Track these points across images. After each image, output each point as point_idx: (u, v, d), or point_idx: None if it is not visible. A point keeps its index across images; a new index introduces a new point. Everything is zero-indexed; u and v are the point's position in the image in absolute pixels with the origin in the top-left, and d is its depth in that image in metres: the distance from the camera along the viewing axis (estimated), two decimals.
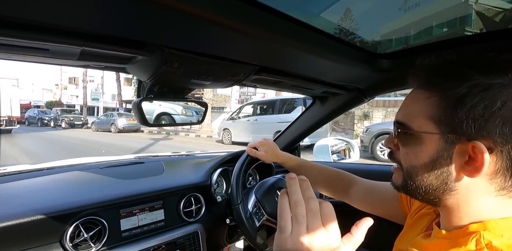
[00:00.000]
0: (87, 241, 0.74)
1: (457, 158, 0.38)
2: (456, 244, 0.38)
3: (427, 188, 0.41)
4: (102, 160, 1.18)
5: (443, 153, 0.39)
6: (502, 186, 0.37)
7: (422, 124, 0.40)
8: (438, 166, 0.39)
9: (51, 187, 0.84)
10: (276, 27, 0.54)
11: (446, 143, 0.38)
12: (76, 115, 18.94)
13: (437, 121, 0.39)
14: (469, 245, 0.36)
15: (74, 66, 0.64)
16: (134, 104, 0.72)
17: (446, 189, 0.40)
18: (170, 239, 0.89)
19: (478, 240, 0.36)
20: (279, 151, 0.94)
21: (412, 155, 0.42)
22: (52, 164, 1.05)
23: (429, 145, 0.40)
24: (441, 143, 0.39)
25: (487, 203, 0.38)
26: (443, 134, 0.38)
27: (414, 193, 0.44)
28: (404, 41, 0.76)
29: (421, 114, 0.40)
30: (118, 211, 0.82)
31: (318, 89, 1.03)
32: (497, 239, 0.35)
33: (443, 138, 0.38)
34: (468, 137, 0.36)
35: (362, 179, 0.82)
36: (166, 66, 0.58)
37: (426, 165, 0.40)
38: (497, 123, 0.34)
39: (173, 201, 0.95)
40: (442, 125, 0.38)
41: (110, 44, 0.50)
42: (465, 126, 0.36)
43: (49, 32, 0.43)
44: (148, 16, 0.41)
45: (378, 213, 0.74)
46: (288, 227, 0.40)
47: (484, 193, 0.38)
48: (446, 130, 0.38)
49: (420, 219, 0.55)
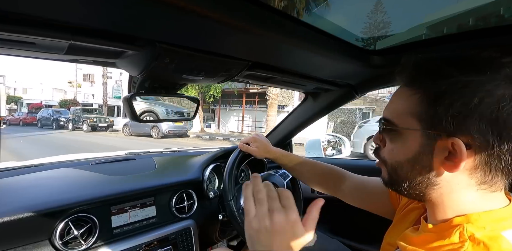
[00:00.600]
0: (78, 239, 0.73)
1: (438, 153, 0.39)
2: (441, 237, 0.39)
3: (411, 183, 0.43)
4: (92, 156, 1.16)
5: (424, 149, 0.40)
6: (482, 181, 0.38)
7: (406, 121, 0.42)
8: (421, 162, 0.41)
9: (39, 184, 0.83)
10: (269, 22, 0.54)
11: (428, 139, 0.39)
12: (99, 115, 15.73)
13: (419, 118, 0.40)
14: (453, 237, 0.38)
15: (61, 61, 0.62)
16: (124, 99, 0.71)
17: (429, 184, 0.41)
18: (162, 235, 0.89)
19: (462, 233, 0.37)
20: (271, 146, 0.94)
21: (397, 151, 0.44)
22: (41, 161, 1.03)
23: (412, 141, 0.41)
24: (423, 139, 0.40)
25: (469, 197, 0.40)
26: (424, 131, 0.39)
27: (400, 189, 0.45)
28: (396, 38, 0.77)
29: (405, 111, 0.42)
30: (109, 208, 0.81)
31: (310, 85, 1.03)
32: (479, 231, 0.37)
33: (425, 134, 0.40)
34: (448, 134, 0.37)
35: (353, 174, 0.83)
36: (157, 61, 0.57)
37: (409, 160, 0.42)
38: (474, 119, 0.35)
39: (165, 197, 0.95)
40: (424, 122, 0.39)
41: (100, 38, 0.49)
42: (444, 122, 0.37)
43: (36, 25, 0.41)
44: (139, 10, 0.40)
45: (369, 208, 0.75)
46: (251, 210, 0.49)
47: (466, 187, 0.40)
48: (427, 126, 0.39)
49: (408, 213, 0.57)
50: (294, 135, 1.41)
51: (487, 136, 0.35)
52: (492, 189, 0.39)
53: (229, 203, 0.87)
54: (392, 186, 0.47)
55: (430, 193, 0.42)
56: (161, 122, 8.55)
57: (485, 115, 0.35)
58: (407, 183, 0.43)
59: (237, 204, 0.90)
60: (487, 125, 0.35)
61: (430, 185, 0.41)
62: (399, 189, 0.46)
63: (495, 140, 0.35)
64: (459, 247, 0.36)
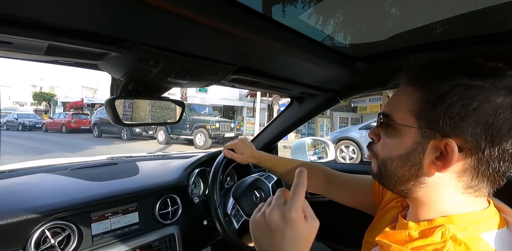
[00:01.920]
0: (54, 248, 0.69)
1: (429, 153, 0.40)
2: (422, 235, 0.40)
3: (399, 179, 0.43)
4: (71, 161, 1.11)
5: (418, 146, 0.41)
6: (469, 185, 0.39)
7: (404, 117, 0.42)
8: (412, 159, 0.41)
9: (15, 190, 0.78)
10: (255, 27, 0.54)
11: (422, 138, 0.40)
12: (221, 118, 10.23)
13: (417, 116, 0.41)
14: (434, 236, 0.39)
15: (40, 61, 0.60)
16: (107, 102, 0.69)
17: (416, 182, 0.42)
18: (145, 242, 0.86)
19: (444, 233, 0.38)
20: (255, 151, 0.94)
21: (390, 146, 0.44)
22: (15, 166, 0.98)
23: (407, 138, 0.42)
24: (417, 137, 0.41)
25: (454, 200, 0.41)
26: (420, 129, 0.40)
27: (387, 183, 0.46)
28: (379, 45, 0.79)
29: (404, 108, 0.42)
30: (89, 215, 0.78)
31: (295, 90, 1.04)
32: (461, 232, 0.38)
33: (420, 132, 0.40)
34: (443, 134, 0.38)
35: (337, 172, 0.86)
36: (142, 64, 0.56)
37: (401, 156, 0.43)
38: (470, 122, 0.36)
39: (148, 203, 0.93)
40: (421, 120, 0.40)
41: (81, 39, 0.47)
42: (441, 122, 0.38)
43: (13, 24, 0.40)
44: (123, 11, 0.40)
45: (353, 204, 0.78)
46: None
47: (452, 190, 0.40)
48: (424, 125, 0.40)
49: (387, 212, 0.58)
50: (280, 139, 1.42)
51: (480, 140, 0.36)
52: (477, 194, 0.40)
53: (216, 211, 0.86)
54: (380, 180, 0.47)
55: (416, 191, 0.43)
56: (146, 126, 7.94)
57: (481, 120, 0.35)
58: (394, 179, 0.44)
59: (224, 211, 0.89)
60: (482, 129, 0.36)
61: (418, 183, 0.42)
62: (386, 183, 0.47)
63: (486, 145, 0.36)
64: (442, 247, 0.37)
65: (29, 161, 1.05)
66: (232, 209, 0.92)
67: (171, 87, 0.78)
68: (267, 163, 0.92)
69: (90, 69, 0.69)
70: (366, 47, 0.83)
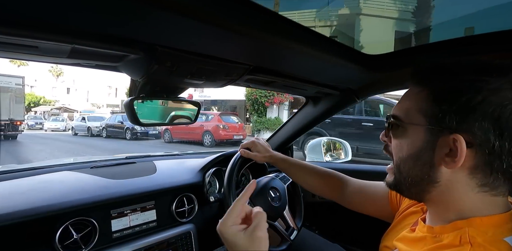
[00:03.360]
0: (77, 242, 0.72)
1: (439, 150, 0.40)
2: (440, 238, 0.39)
3: (413, 180, 0.43)
4: (92, 159, 1.16)
5: (427, 144, 0.41)
6: (483, 182, 0.38)
7: (412, 116, 0.43)
8: (422, 158, 0.41)
9: (40, 187, 0.83)
10: (269, 27, 0.54)
11: (431, 135, 0.40)
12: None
13: (425, 114, 0.41)
14: (453, 240, 0.38)
15: (64, 64, 0.63)
16: (126, 103, 0.71)
17: (429, 181, 0.42)
18: (162, 239, 0.88)
19: (463, 236, 0.37)
20: (271, 151, 0.94)
21: (401, 147, 0.44)
22: (41, 164, 1.03)
23: (417, 136, 0.42)
24: (426, 134, 0.41)
25: (470, 199, 0.40)
26: (428, 126, 0.40)
27: (403, 188, 0.46)
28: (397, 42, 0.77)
29: (412, 107, 0.43)
30: (109, 212, 0.81)
31: (310, 90, 1.03)
32: (481, 236, 0.37)
33: (428, 130, 0.40)
34: (450, 130, 0.38)
35: (353, 179, 0.83)
36: (158, 65, 0.58)
37: (412, 156, 0.43)
38: (476, 117, 0.36)
39: (165, 201, 0.95)
40: (429, 118, 0.40)
41: (102, 42, 0.49)
42: (447, 118, 0.38)
43: (39, 29, 0.42)
44: (140, 14, 0.41)
45: (368, 212, 0.76)
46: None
47: (466, 188, 0.40)
48: (431, 122, 0.40)
49: (407, 216, 0.57)
50: (295, 139, 1.41)
51: (489, 134, 0.35)
52: (494, 192, 0.39)
53: (228, 202, 0.86)
54: (396, 187, 0.47)
55: (430, 191, 0.42)
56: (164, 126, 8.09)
57: (488, 114, 0.35)
58: (409, 181, 0.44)
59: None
60: (489, 123, 0.35)
61: (431, 183, 0.41)
62: (401, 189, 0.46)
63: (496, 139, 0.35)
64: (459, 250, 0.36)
65: (53, 159, 1.09)
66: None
67: (187, 87, 0.79)
68: (283, 163, 0.92)
69: (110, 71, 0.71)
70: (384, 45, 0.81)
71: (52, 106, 29.38)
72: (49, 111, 27.62)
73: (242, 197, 0.49)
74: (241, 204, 0.48)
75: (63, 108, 27.98)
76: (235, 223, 0.47)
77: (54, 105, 29.82)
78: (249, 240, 0.44)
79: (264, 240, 0.45)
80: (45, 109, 28.67)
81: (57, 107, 28.64)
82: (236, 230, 0.46)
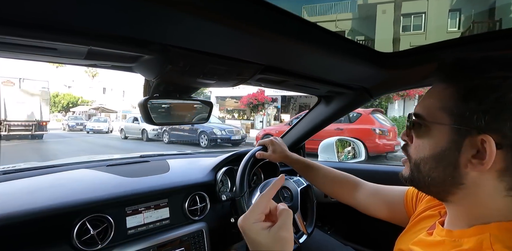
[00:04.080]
0: (94, 238, 0.75)
1: (465, 151, 0.37)
2: (460, 243, 0.38)
3: (433, 181, 0.41)
4: (108, 158, 1.19)
5: (452, 145, 0.38)
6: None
7: (436, 115, 0.40)
8: (446, 158, 0.39)
9: (59, 184, 0.86)
10: (281, 26, 0.54)
11: (456, 135, 0.38)
12: None
13: (450, 113, 0.39)
14: (474, 245, 0.36)
15: (81, 66, 0.65)
16: (140, 103, 0.72)
17: (453, 183, 0.39)
18: (175, 237, 0.90)
19: (485, 241, 0.35)
20: (287, 151, 0.94)
21: (423, 147, 0.42)
22: (60, 162, 1.06)
23: (440, 136, 0.40)
24: (451, 134, 0.38)
25: (496, 203, 0.38)
26: (454, 126, 0.38)
27: (421, 185, 0.44)
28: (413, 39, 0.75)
29: (436, 106, 0.41)
30: (124, 209, 0.83)
31: (323, 89, 1.02)
32: (504, 242, 0.35)
33: (454, 129, 0.38)
34: (478, 130, 0.36)
35: (368, 183, 0.82)
36: (172, 65, 0.58)
37: (434, 157, 0.40)
38: (507, 116, 0.34)
39: (178, 199, 0.96)
40: (454, 117, 0.38)
41: (117, 44, 0.50)
42: (475, 118, 0.35)
43: (58, 31, 0.43)
44: (153, 16, 0.42)
45: (382, 216, 0.74)
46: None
47: (493, 191, 0.37)
48: (457, 121, 0.38)
49: (423, 219, 0.55)
50: (307, 139, 1.40)
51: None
52: None
53: (239, 199, 0.88)
54: (412, 183, 0.46)
55: (454, 193, 0.40)
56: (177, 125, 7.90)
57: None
58: (428, 180, 0.42)
59: (247, 202, 0.90)
60: None
61: (455, 184, 0.39)
62: (419, 186, 0.45)
63: None
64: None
65: (71, 158, 1.13)
66: None
67: (199, 87, 0.80)
68: (298, 164, 0.92)
69: (125, 71, 0.73)
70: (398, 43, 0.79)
71: (89, 106, 29.14)
72: (87, 112, 27.45)
73: (268, 192, 0.45)
74: (267, 200, 0.45)
75: (100, 108, 27.47)
76: (258, 220, 0.43)
77: (91, 105, 29.61)
78: (273, 240, 0.41)
79: (289, 240, 0.42)
80: (83, 109, 28.53)
81: (94, 107, 28.21)
82: (260, 228, 0.42)
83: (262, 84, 0.92)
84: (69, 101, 30.05)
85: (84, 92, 31.96)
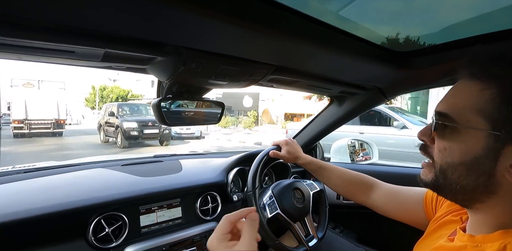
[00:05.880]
0: (109, 236, 0.76)
1: (504, 160, 0.35)
2: (483, 248, 0.36)
3: (462, 189, 0.38)
4: (123, 157, 1.22)
5: (489, 152, 0.35)
6: None
7: (469, 118, 0.37)
8: (481, 167, 0.36)
9: (75, 182, 0.88)
10: (293, 26, 0.54)
11: (495, 142, 0.35)
12: None
13: (489, 117, 0.35)
14: (496, 250, 0.35)
15: (97, 68, 0.66)
16: (154, 104, 0.73)
17: (484, 192, 0.37)
18: (187, 236, 0.91)
19: (508, 246, 0.34)
20: (301, 152, 0.93)
21: (451, 151, 0.39)
22: (77, 161, 1.10)
23: (474, 142, 0.36)
24: (488, 141, 0.35)
25: None
26: (492, 132, 0.35)
27: (446, 192, 0.41)
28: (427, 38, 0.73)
29: (470, 107, 0.37)
30: (138, 208, 0.85)
31: (335, 89, 1.01)
32: None
33: (493, 136, 0.35)
34: None
35: (385, 183, 0.80)
36: (184, 67, 0.59)
37: (466, 163, 0.37)
38: None
39: (190, 199, 0.97)
40: (493, 122, 0.35)
41: (131, 46, 0.51)
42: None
43: (76, 35, 0.45)
44: (167, 18, 0.42)
45: (400, 219, 0.72)
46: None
47: None
48: (498, 127, 0.34)
49: (444, 225, 0.53)
50: (319, 140, 1.38)
51: None
52: None
53: (251, 193, 0.88)
54: (435, 189, 0.42)
55: (483, 201, 0.38)
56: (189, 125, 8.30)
57: None
58: (456, 188, 0.39)
59: (259, 198, 0.90)
60: None
61: (486, 193, 0.37)
62: (444, 193, 0.42)
63: None
64: None
65: (87, 157, 1.17)
66: (269, 199, 0.93)
67: (211, 88, 0.81)
68: (312, 165, 0.91)
69: (139, 73, 0.74)
70: (414, 41, 0.77)
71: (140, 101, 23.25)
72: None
73: (232, 215, 0.48)
74: (228, 221, 0.48)
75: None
76: (224, 240, 0.45)
77: (141, 99, 23.78)
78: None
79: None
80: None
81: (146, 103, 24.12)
82: (224, 247, 0.44)
83: (273, 85, 0.92)
84: (119, 95, 25.25)
85: (131, 85, 27.44)
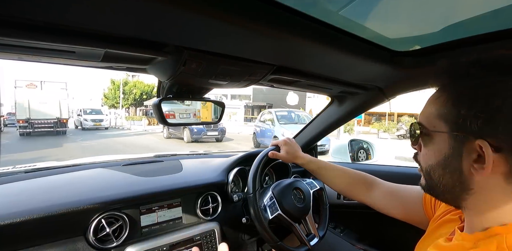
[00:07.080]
0: (109, 236, 0.77)
1: (466, 156, 0.38)
2: (477, 245, 0.38)
3: (445, 187, 0.42)
4: (123, 158, 1.22)
5: (453, 151, 0.39)
6: None
7: (434, 123, 0.42)
8: (450, 165, 0.40)
9: (76, 182, 0.88)
10: (293, 26, 0.54)
11: (456, 142, 0.39)
12: None
13: (446, 120, 0.40)
14: (490, 246, 0.36)
15: (97, 68, 0.66)
16: (154, 104, 0.74)
17: (462, 189, 0.40)
18: (188, 236, 0.91)
19: (500, 242, 0.35)
20: (300, 152, 0.93)
21: (429, 155, 0.43)
22: (78, 161, 1.10)
23: (442, 144, 0.41)
24: (451, 141, 0.39)
25: (508, 205, 0.38)
26: (451, 133, 0.39)
27: (437, 193, 0.45)
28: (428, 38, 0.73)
29: (433, 114, 0.42)
30: (139, 208, 0.85)
31: (336, 89, 1.01)
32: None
33: (452, 136, 0.39)
34: (474, 135, 0.36)
35: (385, 182, 0.80)
36: (185, 67, 0.59)
37: (440, 163, 0.41)
38: (499, 120, 0.34)
39: (190, 199, 0.97)
40: (450, 123, 0.39)
41: (131, 46, 0.51)
42: (469, 123, 0.36)
43: (76, 35, 0.45)
44: (167, 18, 0.42)
45: (400, 217, 0.72)
46: None
47: (502, 194, 0.38)
48: (454, 128, 0.39)
49: (444, 224, 0.54)
50: (319, 140, 1.38)
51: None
52: None
53: (252, 195, 0.88)
54: (430, 191, 0.46)
55: (465, 198, 0.41)
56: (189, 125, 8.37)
57: (510, 116, 0.34)
58: (441, 188, 0.42)
59: (259, 200, 0.90)
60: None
61: (464, 190, 0.40)
62: (435, 194, 0.46)
63: None
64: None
65: (88, 157, 1.17)
66: (269, 200, 0.93)
67: (212, 88, 0.81)
68: (311, 165, 0.91)
69: (140, 73, 0.74)
70: (414, 41, 0.77)
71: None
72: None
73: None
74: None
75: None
76: None
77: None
78: None
79: None
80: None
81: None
82: None
83: (274, 85, 0.92)
84: (143, 91, 22.40)
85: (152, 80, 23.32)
